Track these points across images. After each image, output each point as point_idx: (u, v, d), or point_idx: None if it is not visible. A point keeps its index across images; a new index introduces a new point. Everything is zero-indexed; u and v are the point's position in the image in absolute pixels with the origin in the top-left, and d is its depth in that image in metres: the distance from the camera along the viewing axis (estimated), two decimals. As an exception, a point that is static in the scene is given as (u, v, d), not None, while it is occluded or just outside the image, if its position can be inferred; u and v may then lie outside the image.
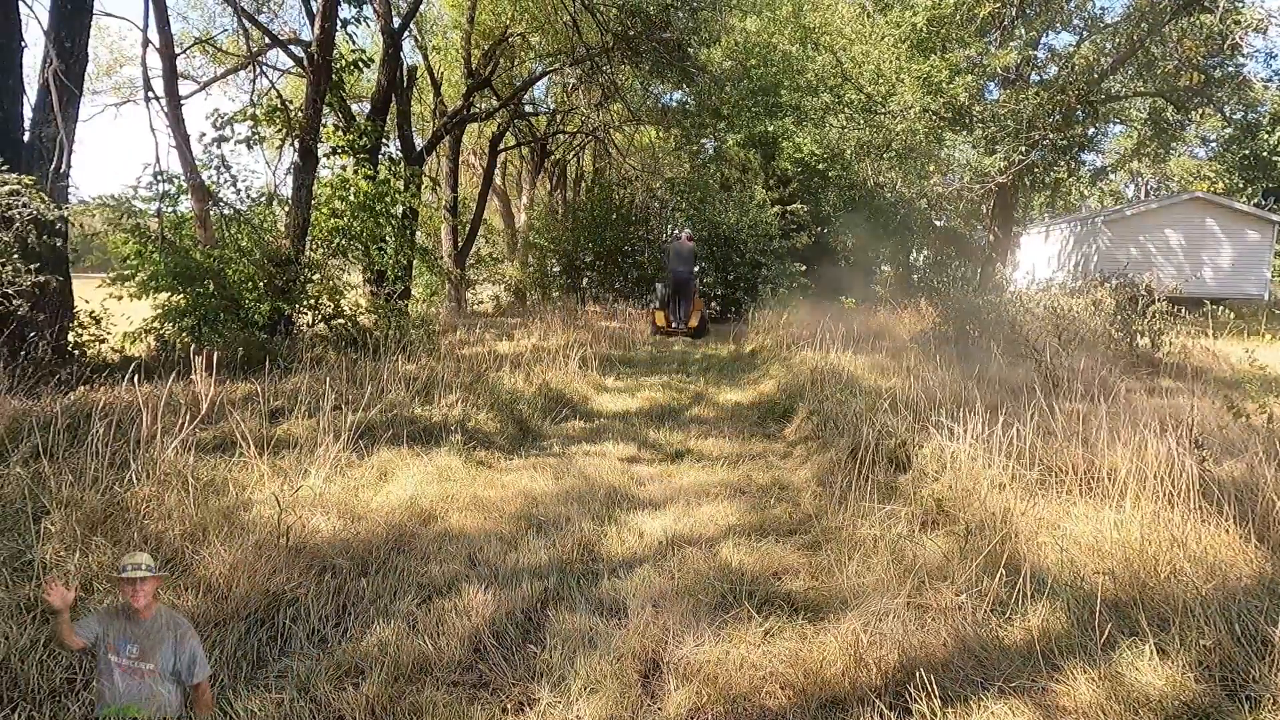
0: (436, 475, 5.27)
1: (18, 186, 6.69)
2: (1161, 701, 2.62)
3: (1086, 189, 30.65)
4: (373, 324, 10.21)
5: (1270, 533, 3.64)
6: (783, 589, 3.71)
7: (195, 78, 20.22)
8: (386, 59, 13.78)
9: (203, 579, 3.35)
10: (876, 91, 19.05)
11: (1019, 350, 8.40)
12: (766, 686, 2.87)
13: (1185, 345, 9.60)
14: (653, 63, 16.81)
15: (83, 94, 8.42)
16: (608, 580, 3.76)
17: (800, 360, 9.86)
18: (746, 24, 22.50)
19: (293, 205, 9.97)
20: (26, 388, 5.79)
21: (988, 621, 3.23)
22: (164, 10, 9.89)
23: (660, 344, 15.22)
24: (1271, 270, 20.45)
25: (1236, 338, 12.02)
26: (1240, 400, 5.13)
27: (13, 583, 3.14)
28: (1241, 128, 22.49)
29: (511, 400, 7.66)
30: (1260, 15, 15.29)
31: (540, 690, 2.84)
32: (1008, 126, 17.67)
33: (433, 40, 21.65)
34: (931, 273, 20.43)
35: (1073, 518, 3.97)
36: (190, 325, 9.00)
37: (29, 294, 6.68)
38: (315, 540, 3.96)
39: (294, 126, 10.39)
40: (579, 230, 21.90)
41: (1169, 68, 17.66)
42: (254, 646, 3.05)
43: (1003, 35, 18.20)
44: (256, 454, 4.74)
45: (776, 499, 5.15)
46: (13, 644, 2.74)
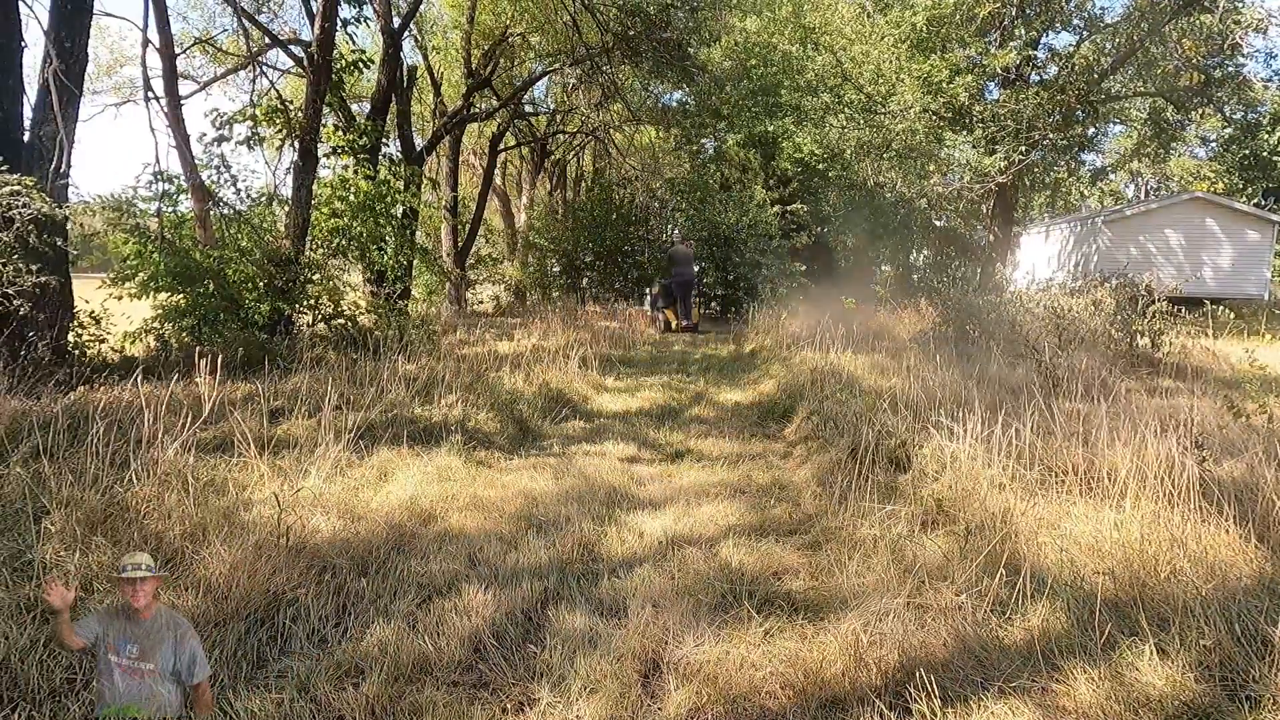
0: (436, 475, 5.27)
1: (18, 186, 6.69)
2: (1161, 701, 2.62)
3: (1086, 189, 30.65)
4: (373, 324, 10.21)
5: (1270, 533, 3.64)
6: (783, 589, 3.71)
7: (195, 78, 20.23)
8: (386, 59, 13.77)
9: (203, 579, 3.35)
10: (876, 91, 19.05)
11: (1019, 350, 8.41)
12: (766, 686, 2.87)
13: (1185, 345, 9.60)
14: (653, 63, 16.82)
15: (83, 94, 8.42)
16: (608, 580, 3.76)
17: (800, 360, 9.86)
18: (746, 24, 22.50)
19: (293, 205, 9.97)
20: (26, 388, 5.79)
21: (988, 621, 3.23)
22: (164, 10, 9.89)
23: (660, 344, 15.23)
24: (1271, 270, 20.45)
25: (1236, 338, 12.02)
26: (1240, 400, 5.13)
27: (13, 583, 3.14)
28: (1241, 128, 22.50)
29: (511, 400, 7.66)
30: (1260, 15, 15.30)
31: (540, 690, 2.84)
32: (1008, 126, 17.67)
33: (433, 40, 21.64)
34: (931, 273, 20.42)
35: (1073, 518, 3.97)
36: (190, 325, 9.01)
37: (29, 294, 6.67)
38: (315, 540, 3.97)
39: (294, 127, 10.39)
40: (579, 230, 21.90)
41: (1169, 68, 17.67)
42: (254, 646, 3.05)
43: (1002, 35, 18.21)
44: (256, 454, 4.74)
45: (776, 499, 5.15)
46: (13, 644, 2.74)
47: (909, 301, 15.13)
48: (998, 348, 8.42)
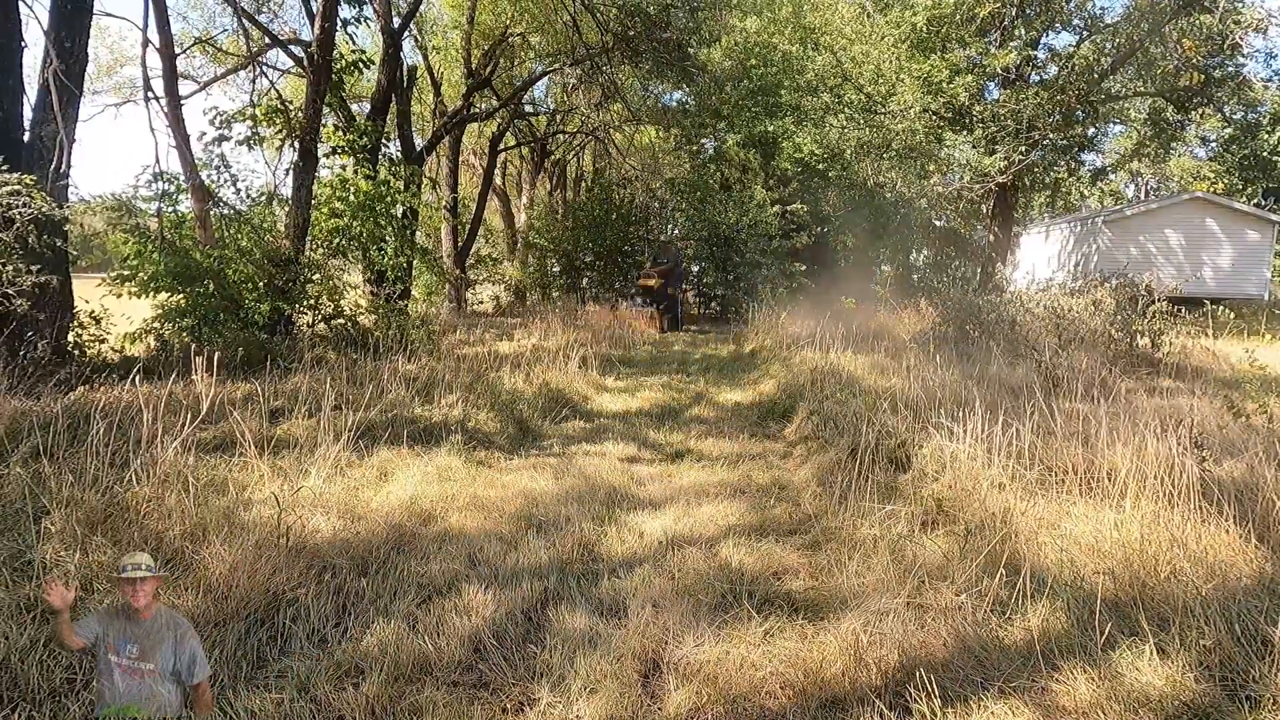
0: (436, 475, 5.27)
1: (18, 186, 6.69)
2: (1161, 701, 2.62)
3: (1086, 189, 30.62)
4: (373, 324, 10.21)
5: (1270, 533, 3.64)
6: (783, 589, 3.71)
7: (195, 78, 20.21)
8: (386, 59, 13.78)
9: (203, 579, 3.35)
10: (876, 91, 19.05)
11: (1019, 350, 8.41)
12: (766, 686, 2.87)
13: (1185, 345, 9.60)
14: (653, 63, 16.82)
15: (83, 94, 8.42)
16: (608, 580, 3.76)
17: (800, 360, 9.86)
18: (746, 24, 22.48)
19: (293, 205, 9.98)
20: (26, 388, 5.79)
21: (988, 621, 3.23)
22: (164, 10, 9.89)
23: (660, 344, 15.23)
24: (1271, 270, 20.43)
25: (1236, 338, 12.02)
26: (1240, 400, 5.13)
27: (13, 583, 3.14)
28: (1241, 128, 22.48)
29: (511, 400, 7.66)
30: (1260, 15, 15.30)
31: (540, 690, 2.84)
32: (1008, 126, 17.67)
33: (433, 40, 21.63)
34: (931, 273, 20.43)
35: (1073, 518, 3.97)
36: (190, 325, 9.01)
37: (29, 294, 6.68)
38: (315, 540, 3.97)
39: (294, 127, 10.39)
40: (579, 230, 21.90)
41: (1169, 68, 17.65)
42: (254, 646, 3.05)
43: (1002, 35, 18.21)
44: (256, 454, 4.74)
45: (776, 499, 5.15)
46: (13, 644, 2.74)
47: (909, 301, 15.14)
48: (998, 348, 8.42)
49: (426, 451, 5.74)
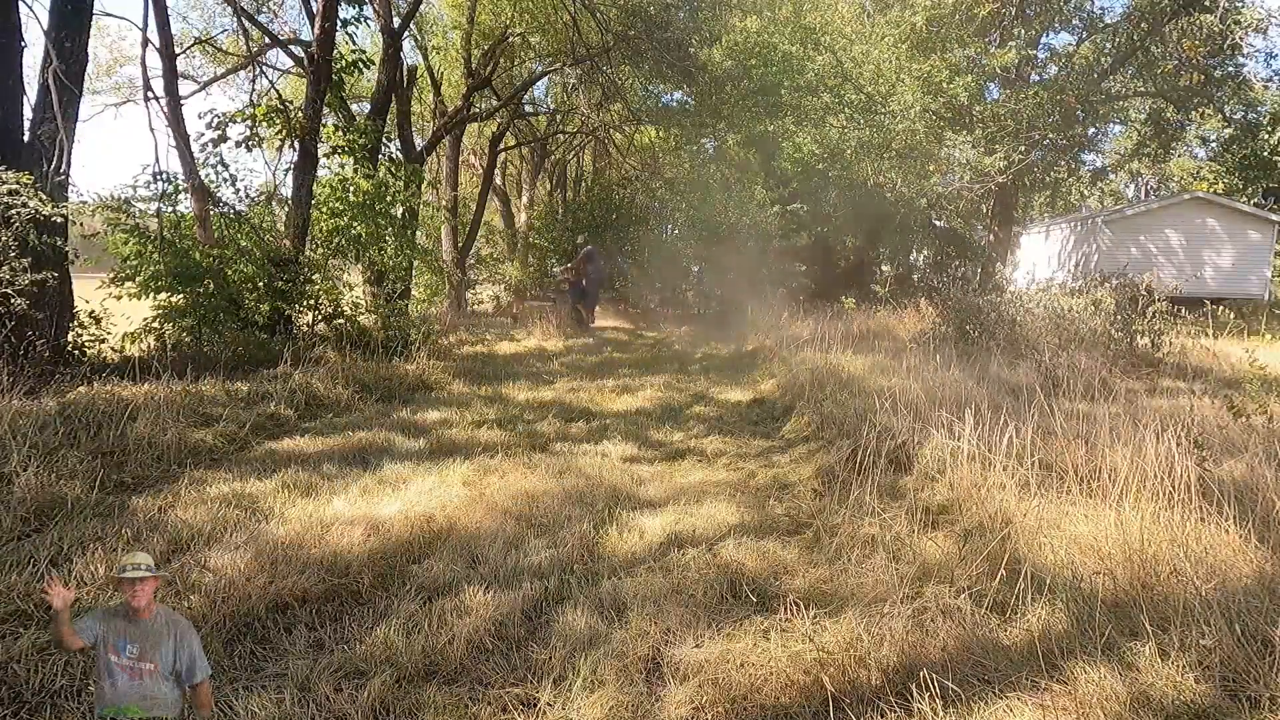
0: (438, 476, 5.27)
1: (17, 186, 6.68)
2: (1161, 701, 2.62)
3: (1086, 189, 30.62)
4: (373, 324, 10.21)
5: (1270, 533, 3.64)
6: (783, 588, 3.71)
7: (195, 78, 20.18)
8: (386, 59, 13.77)
9: (204, 581, 3.35)
10: (876, 91, 19.04)
11: (1019, 350, 8.40)
12: (766, 686, 2.87)
13: (1185, 345, 9.60)
14: (653, 63, 16.81)
15: (83, 94, 8.42)
16: (608, 580, 3.76)
17: (800, 360, 9.85)
18: (746, 24, 22.47)
19: (293, 205, 9.97)
20: (26, 387, 5.78)
21: (988, 621, 3.22)
22: (164, 10, 9.89)
23: (660, 344, 15.23)
24: (1272, 270, 20.42)
25: (1236, 338, 12.02)
26: (1240, 400, 5.13)
27: (12, 584, 3.14)
28: (1241, 128, 22.44)
29: (513, 400, 7.66)
30: (1260, 15, 15.30)
31: (541, 690, 2.84)
32: (1008, 126, 17.67)
33: (433, 40, 21.61)
34: (931, 273, 20.41)
35: (1073, 518, 3.96)
36: (190, 325, 9.00)
37: (29, 293, 6.67)
38: (317, 542, 3.96)
39: (294, 127, 10.39)
40: (579, 230, 21.89)
41: (1169, 68, 17.65)
42: (254, 647, 3.05)
43: (1002, 35, 18.21)
44: (258, 455, 4.74)
45: (777, 498, 5.15)
46: (13, 644, 2.74)
47: (909, 301, 15.13)
48: (998, 348, 8.42)
49: (428, 452, 5.73)
